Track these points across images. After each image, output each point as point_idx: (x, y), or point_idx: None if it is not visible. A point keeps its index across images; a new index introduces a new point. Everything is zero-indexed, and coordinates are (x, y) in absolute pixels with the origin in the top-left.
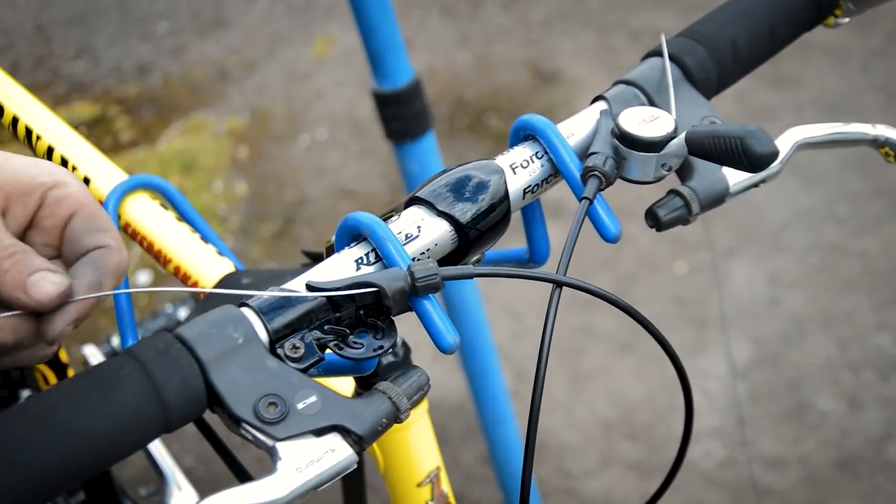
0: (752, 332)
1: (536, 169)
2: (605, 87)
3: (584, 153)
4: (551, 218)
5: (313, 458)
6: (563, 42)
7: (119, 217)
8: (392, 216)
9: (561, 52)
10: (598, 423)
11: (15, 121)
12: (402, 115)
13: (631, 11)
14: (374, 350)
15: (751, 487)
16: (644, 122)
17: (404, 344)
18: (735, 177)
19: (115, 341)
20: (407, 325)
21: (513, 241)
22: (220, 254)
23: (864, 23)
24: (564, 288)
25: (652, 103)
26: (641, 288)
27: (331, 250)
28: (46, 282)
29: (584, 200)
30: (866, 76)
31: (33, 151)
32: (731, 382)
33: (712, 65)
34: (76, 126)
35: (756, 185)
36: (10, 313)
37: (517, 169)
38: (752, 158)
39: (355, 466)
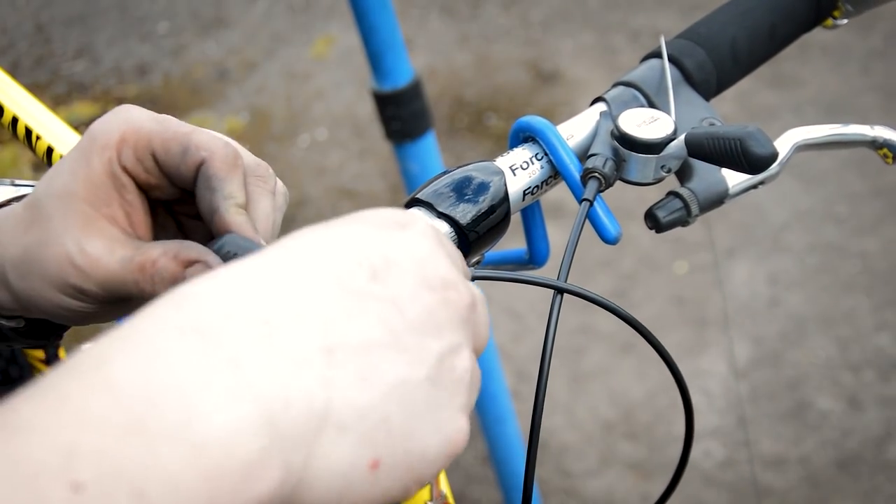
0: (752, 332)
1: (536, 171)
2: (606, 87)
3: (583, 155)
4: (551, 217)
5: None
6: (563, 42)
7: None
8: None
9: (561, 52)
10: (598, 422)
11: (15, 121)
12: (402, 115)
13: (631, 11)
14: None
15: (751, 487)
16: (643, 123)
17: None
18: (734, 178)
19: None
20: None
21: (512, 240)
22: None
23: (864, 23)
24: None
25: (651, 105)
26: (642, 288)
27: None
28: None
29: (584, 202)
30: (866, 76)
31: (33, 152)
32: (732, 382)
33: (712, 66)
34: (76, 126)
35: (755, 186)
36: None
37: (517, 170)
38: (752, 160)
39: None
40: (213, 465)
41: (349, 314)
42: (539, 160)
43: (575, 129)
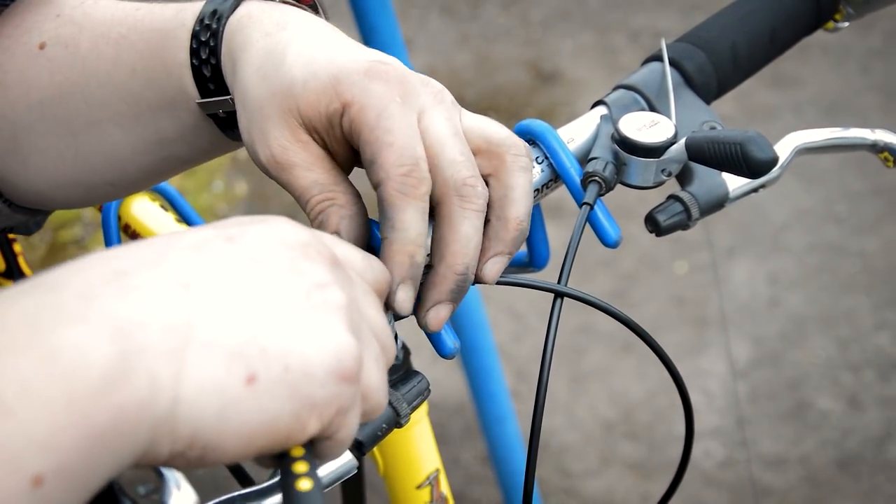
0: (752, 332)
1: (537, 174)
2: (606, 87)
3: (584, 158)
4: (551, 218)
5: None
6: (563, 42)
7: (119, 218)
8: None
9: (561, 52)
10: (598, 422)
11: None
12: None
13: (631, 11)
14: None
15: (750, 487)
16: (644, 127)
17: (404, 347)
18: (734, 182)
19: None
20: (407, 326)
21: None
22: None
23: (864, 23)
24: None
25: (652, 108)
26: (642, 288)
27: None
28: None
29: (584, 206)
30: (866, 76)
31: None
32: (731, 382)
33: (712, 69)
34: None
35: (756, 190)
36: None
37: None
38: (752, 164)
39: (355, 472)
40: (67, 370)
41: (201, 264)
42: (539, 163)
43: (575, 133)
